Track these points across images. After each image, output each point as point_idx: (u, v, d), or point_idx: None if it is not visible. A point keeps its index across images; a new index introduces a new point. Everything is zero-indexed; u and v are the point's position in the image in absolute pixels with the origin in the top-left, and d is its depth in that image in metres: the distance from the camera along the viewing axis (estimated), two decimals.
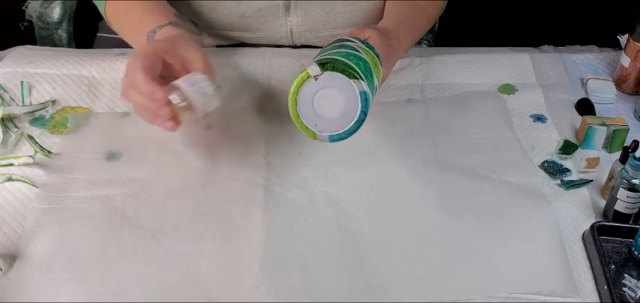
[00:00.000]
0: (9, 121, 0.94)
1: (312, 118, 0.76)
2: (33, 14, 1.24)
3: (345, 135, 0.77)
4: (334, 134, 0.76)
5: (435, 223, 0.83)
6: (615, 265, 0.80)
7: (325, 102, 0.75)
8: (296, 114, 0.76)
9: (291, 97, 0.75)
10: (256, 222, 0.81)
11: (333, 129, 0.76)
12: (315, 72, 0.73)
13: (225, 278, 0.76)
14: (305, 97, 0.75)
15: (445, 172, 0.89)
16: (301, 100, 0.75)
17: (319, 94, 0.74)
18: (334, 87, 0.74)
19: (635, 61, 1.05)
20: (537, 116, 1.01)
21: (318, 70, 0.73)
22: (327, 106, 0.75)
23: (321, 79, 0.74)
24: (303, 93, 0.75)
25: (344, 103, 0.75)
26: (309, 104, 0.75)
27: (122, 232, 0.80)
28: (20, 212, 0.82)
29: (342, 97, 0.75)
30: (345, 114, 0.76)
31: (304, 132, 0.77)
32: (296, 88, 0.75)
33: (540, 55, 1.13)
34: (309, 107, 0.75)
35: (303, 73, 0.74)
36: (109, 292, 0.73)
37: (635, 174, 0.81)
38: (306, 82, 0.74)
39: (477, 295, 0.76)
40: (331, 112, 0.75)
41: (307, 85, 0.74)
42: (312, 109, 0.75)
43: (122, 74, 1.01)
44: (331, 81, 0.74)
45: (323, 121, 0.76)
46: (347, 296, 0.75)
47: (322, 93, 0.74)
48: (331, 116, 0.75)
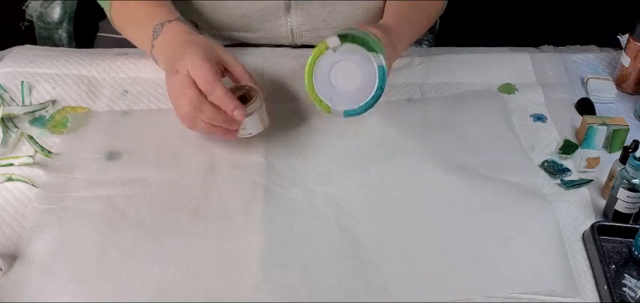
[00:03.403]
0: (9, 121, 0.94)
1: (327, 92, 0.73)
2: (33, 14, 1.24)
3: (360, 110, 0.75)
4: (349, 109, 0.74)
5: (435, 222, 0.83)
6: (615, 265, 0.80)
7: (342, 75, 0.73)
8: (312, 86, 0.74)
9: (307, 68, 0.73)
10: (256, 222, 0.81)
11: (348, 104, 0.74)
12: (333, 43, 0.71)
13: (225, 278, 0.76)
14: (322, 69, 0.73)
15: (445, 171, 0.89)
16: (318, 72, 0.73)
17: (336, 67, 0.72)
18: (352, 60, 0.72)
19: (635, 60, 1.05)
20: (537, 116, 1.01)
21: (337, 41, 0.71)
22: (343, 79, 0.73)
23: (339, 52, 0.72)
24: (319, 65, 0.72)
25: (361, 78, 0.73)
26: (326, 77, 0.73)
27: (122, 232, 0.80)
28: (20, 212, 0.82)
29: (359, 71, 0.73)
30: (361, 89, 0.74)
31: (319, 106, 0.75)
32: (313, 59, 0.72)
33: (540, 54, 1.13)
34: (326, 80, 0.73)
35: (322, 44, 0.72)
36: (109, 292, 0.73)
37: (635, 174, 0.81)
38: (324, 53, 0.72)
39: (477, 295, 0.76)
40: (347, 86, 0.73)
41: (325, 57, 0.72)
42: (329, 82, 0.73)
43: (122, 74, 1.03)
44: (350, 54, 0.72)
45: (339, 95, 0.73)
46: (347, 296, 0.75)
47: (339, 66, 0.72)
48: (347, 90, 0.73)
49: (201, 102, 0.82)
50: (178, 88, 0.83)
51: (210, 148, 0.91)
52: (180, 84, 0.83)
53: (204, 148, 0.91)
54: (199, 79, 0.81)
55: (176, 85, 0.83)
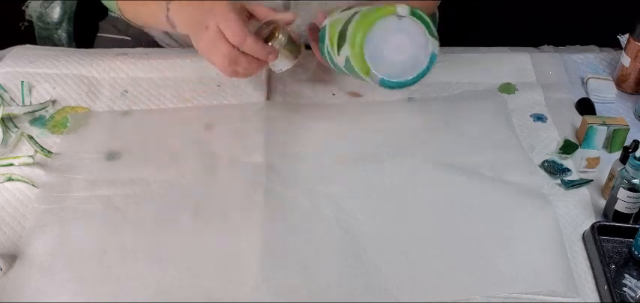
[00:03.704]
0: (9, 121, 0.94)
1: (373, 54, 0.72)
2: (33, 14, 1.24)
3: (397, 85, 0.73)
4: (387, 79, 0.72)
5: (435, 222, 0.83)
6: (615, 265, 0.79)
7: (392, 44, 0.72)
8: (362, 44, 0.71)
9: (364, 24, 0.71)
10: (256, 222, 0.81)
11: (388, 73, 0.72)
12: (402, 12, 0.70)
13: (225, 278, 0.75)
14: (377, 31, 0.71)
15: (445, 171, 0.89)
16: (372, 33, 0.71)
17: (392, 34, 0.71)
18: (410, 36, 0.71)
19: (635, 60, 1.05)
20: (537, 116, 1.01)
21: (406, 11, 0.70)
22: (391, 49, 0.72)
23: (403, 21, 0.71)
24: (377, 27, 0.71)
25: (410, 55, 0.72)
26: (378, 41, 0.71)
27: (122, 232, 0.80)
28: (20, 212, 0.82)
29: (411, 47, 0.72)
30: (405, 65, 0.72)
31: (358, 65, 0.73)
32: (375, 18, 0.70)
33: (540, 54, 1.13)
34: (375, 43, 0.71)
35: (389, 7, 0.70)
36: (109, 292, 0.73)
37: (635, 174, 0.81)
38: (386, 17, 0.71)
39: (477, 295, 0.76)
40: (393, 56, 0.72)
41: (386, 20, 0.71)
42: (377, 45, 0.72)
43: (122, 74, 1.03)
44: (411, 28, 0.71)
45: (382, 61, 0.72)
46: (347, 296, 0.75)
47: (395, 35, 0.71)
48: (391, 60, 0.72)
49: (235, 55, 0.83)
50: (211, 44, 0.83)
51: (210, 148, 0.91)
52: (212, 40, 0.83)
53: (204, 148, 0.91)
54: (229, 33, 0.82)
55: (208, 42, 0.84)
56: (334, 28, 0.82)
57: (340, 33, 0.78)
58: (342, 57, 0.78)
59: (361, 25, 0.71)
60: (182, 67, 1.04)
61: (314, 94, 1.02)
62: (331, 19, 0.85)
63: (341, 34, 0.78)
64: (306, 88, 1.03)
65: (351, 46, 0.73)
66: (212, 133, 0.94)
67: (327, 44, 0.83)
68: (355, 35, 0.72)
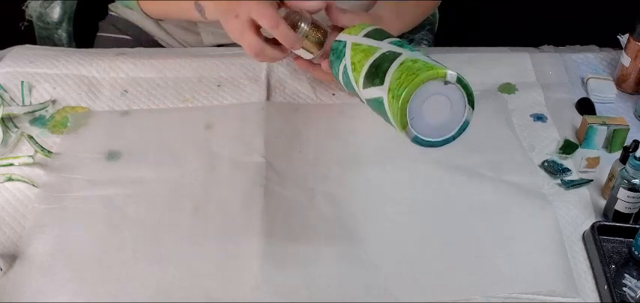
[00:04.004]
0: (9, 121, 0.94)
1: (411, 110, 0.72)
2: (33, 14, 1.24)
3: (428, 144, 0.75)
4: (420, 137, 0.73)
5: (435, 223, 0.83)
6: (615, 265, 0.80)
7: (431, 106, 0.72)
8: (407, 100, 0.71)
9: (412, 81, 0.71)
10: (256, 222, 0.81)
11: (421, 132, 0.73)
12: (451, 78, 0.71)
13: (225, 278, 0.76)
14: (422, 90, 0.71)
15: (445, 171, 0.89)
16: (418, 90, 0.71)
17: (433, 96, 0.72)
18: (450, 101, 0.72)
19: (635, 60, 1.05)
20: (537, 116, 1.01)
21: (454, 78, 0.71)
22: (430, 110, 0.72)
23: (448, 86, 0.72)
24: (424, 86, 0.71)
25: (445, 119, 0.73)
26: (419, 99, 0.72)
27: (122, 232, 0.80)
28: (20, 212, 0.82)
29: (449, 113, 0.73)
30: (437, 127, 0.74)
31: (396, 117, 0.73)
32: (426, 78, 0.71)
33: (540, 54, 1.13)
34: (417, 101, 0.72)
35: (440, 69, 0.71)
36: (109, 292, 0.73)
37: (635, 174, 0.81)
38: (436, 79, 0.71)
39: (477, 295, 0.76)
40: (430, 117, 0.73)
41: (434, 82, 0.71)
42: (418, 104, 0.72)
43: (122, 74, 1.03)
44: (454, 94, 0.72)
45: (418, 119, 0.73)
46: (347, 296, 0.75)
47: (436, 97, 0.72)
48: (427, 120, 0.73)
49: (262, 47, 0.85)
50: (239, 33, 0.85)
51: (210, 148, 0.91)
52: (240, 29, 0.85)
53: (204, 148, 0.91)
54: (264, 21, 0.83)
55: (237, 30, 0.86)
56: (360, 55, 0.81)
57: (374, 69, 0.78)
58: (371, 93, 0.78)
59: (408, 80, 0.72)
60: (182, 67, 1.04)
61: (314, 94, 1.02)
62: (353, 39, 0.84)
63: (375, 71, 0.77)
64: (306, 88, 1.03)
65: (394, 96, 0.73)
66: (212, 133, 0.94)
67: (348, 67, 0.83)
68: (400, 88, 0.72)
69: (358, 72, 0.81)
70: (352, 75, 0.82)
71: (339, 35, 0.88)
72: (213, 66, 1.05)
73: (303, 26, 0.87)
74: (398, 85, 0.73)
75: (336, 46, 0.87)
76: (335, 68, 0.87)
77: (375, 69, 0.78)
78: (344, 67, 0.84)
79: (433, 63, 0.73)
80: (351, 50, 0.84)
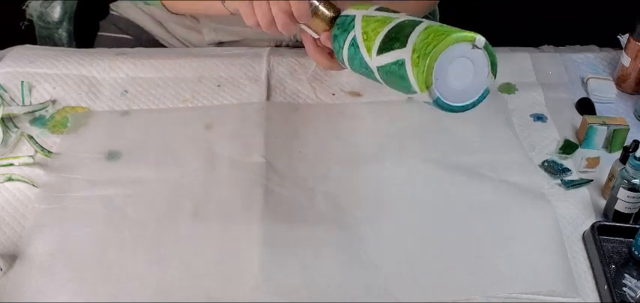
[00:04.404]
0: (9, 121, 0.94)
1: (438, 72, 0.72)
2: (33, 14, 1.24)
3: (449, 108, 0.74)
4: (442, 99, 0.73)
5: (435, 223, 0.83)
6: (615, 265, 0.80)
7: (457, 69, 0.72)
8: (436, 56, 0.71)
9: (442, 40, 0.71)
10: (256, 222, 0.81)
11: (443, 95, 0.73)
12: (480, 43, 0.71)
13: (225, 278, 0.76)
14: (450, 51, 0.71)
15: (445, 171, 0.89)
16: (447, 51, 0.71)
17: (459, 59, 0.71)
18: (475, 66, 0.72)
19: (635, 60, 1.05)
20: (537, 116, 1.01)
21: (482, 43, 0.71)
22: (455, 73, 0.72)
23: (475, 51, 0.72)
24: (454, 47, 0.71)
25: (468, 84, 0.73)
26: (446, 60, 0.71)
27: (122, 232, 0.80)
28: (20, 212, 0.82)
29: (472, 78, 0.73)
30: (459, 92, 0.73)
31: (419, 74, 0.72)
32: (454, 39, 0.71)
33: (540, 54, 1.13)
34: (443, 63, 0.71)
35: (469, 33, 0.71)
36: (109, 292, 0.73)
37: (635, 174, 0.81)
38: (464, 42, 0.71)
39: (477, 295, 0.76)
40: (454, 80, 0.72)
41: (461, 46, 0.71)
42: (444, 66, 0.72)
43: (122, 74, 1.03)
44: (479, 60, 0.72)
45: (442, 82, 0.72)
46: (347, 296, 0.75)
47: (462, 61, 0.72)
48: (450, 83, 0.72)
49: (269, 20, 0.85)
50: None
51: (210, 148, 0.91)
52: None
53: (204, 148, 0.91)
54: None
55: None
56: (374, 24, 0.81)
57: (394, 33, 0.77)
58: (387, 58, 0.77)
59: (438, 40, 0.71)
60: (182, 67, 1.04)
61: (314, 94, 1.02)
62: (365, 12, 0.84)
63: (395, 35, 0.77)
64: (306, 88, 1.03)
65: (420, 55, 0.72)
66: (212, 133, 0.94)
67: (357, 38, 0.82)
68: (428, 46, 0.72)
69: (371, 40, 0.80)
70: (363, 44, 0.81)
71: (346, 10, 0.87)
72: (213, 66, 1.05)
73: (314, 2, 0.87)
74: (425, 44, 0.72)
75: (343, 20, 0.86)
76: (338, 42, 0.86)
77: (395, 33, 0.77)
78: (352, 39, 0.83)
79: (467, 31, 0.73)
80: (363, 22, 0.83)
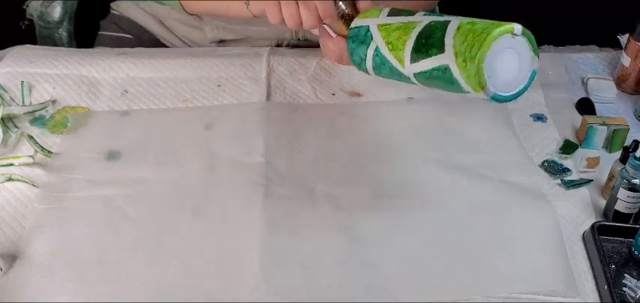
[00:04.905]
0: (9, 121, 0.94)
1: (488, 69, 0.72)
2: (33, 13, 1.24)
3: (505, 99, 0.74)
4: (498, 93, 0.73)
5: (435, 223, 0.83)
6: (615, 265, 0.80)
7: (503, 62, 0.72)
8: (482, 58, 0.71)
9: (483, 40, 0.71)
10: (256, 222, 0.81)
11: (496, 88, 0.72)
12: (517, 31, 0.71)
13: (225, 278, 0.76)
14: (495, 47, 0.71)
15: (445, 171, 0.89)
16: (491, 50, 0.71)
17: (503, 51, 0.72)
18: (518, 53, 0.72)
19: (635, 60, 1.05)
20: (537, 116, 1.01)
21: (520, 30, 0.71)
22: (502, 65, 0.72)
23: (515, 39, 0.72)
24: (495, 44, 0.71)
25: (516, 71, 0.73)
26: (491, 57, 0.71)
27: (122, 232, 0.80)
28: (20, 212, 0.82)
29: (518, 65, 0.73)
30: (508, 82, 0.73)
31: (470, 78, 0.72)
32: (495, 36, 0.71)
33: (540, 54, 1.13)
34: (489, 60, 0.71)
35: (507, 25, 0.71)
36: (109, 292, 0.73)
37: (635, 174, 0.81)
38: (504, 35, 0.71)
39: (477, 295, 0.76)
40: (503, 72, 0.72)
41: (503, 38, 0.71)
42: (491, 62, 0.72)
43: (122, 74, 1.03)
44: (521, 46, 0.72)
45: (492, 77, 0.72)
46: (347, 296, 0.75)
47: (506, 52, 0.72)
48: (500, 76, 0.72)
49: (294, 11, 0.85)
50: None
51: (210, 148, 0.91)
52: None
53: (204, 148, 0.91)
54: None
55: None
56: (396, 33, 0.80)
57: (425, 40, 0.77)
58: (426, 65, 0.76)
59: (480, 40, 0.71)
60: (182, 67, 1.04)
61: (314, 94, 1.02)
62: (378, 21, 0.83)
63: (426, 41, 0.76)
64: (306, 88, 1.03)
65: (466, 59, 0.72)
66: (212, 133, 0.94)
67: (381, 48, 0.81)
68: (471, 49, 0.71)
69: (400, 49, 0.79)
70: (391, 54, 0.80)
71: (356, 21, 0.86)
72: (213, 66, 1.05)
73: (340, 4, 0.87)
74: (468, 47, 0.72)
75: (356, 32, 0.85)
76: (359, 54, 0.85)
77: (425, 39, 0.77)
78: (375, 50, 0.82)
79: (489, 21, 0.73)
80: (381, 31, 0.82)
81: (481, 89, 0.72)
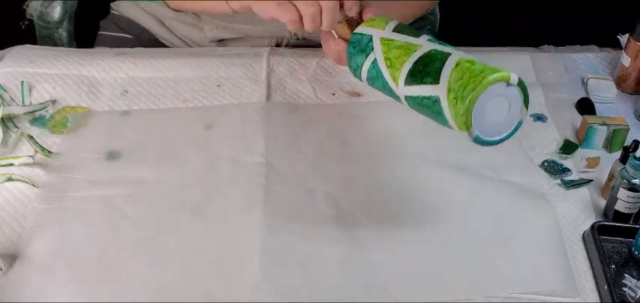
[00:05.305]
0: (9, 121, 0.94)
1: (476, 112, 0.72)
2: (33, 13, 1.24)
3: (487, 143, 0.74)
4: (480, 136, 0.73)
5: (435, 222, 0.83)
6: (615, 265, 0.80)
7: (492, 107, 0.72)
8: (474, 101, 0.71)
9: (478, 83, 0.71)
10: (256, 222, 0.81)
11: (481, 131, 0.72)
12: (513, 81, 0.71)
13: (225, 278, 0.76)
14: (489, 92, 0.71)
15: (445, 171, 0.89)
16: (483, 94, 0.71)
17: (495, 97, 0.72)
18: (509, 102, 0.73)
19: (635, 60, 1.05)
20: (537, 116, 1.01)
21: (516, 79, 0.72)
22: (491, 110, 0.72)
23: (510, 88, 0.72)
24: (489, 89, 0.71)
25: (503, 119, 0.74)
26: (483, 100, 0.71)
27: (122, 232, 0.80)
28: (20, 212, 0.82)
29: (507, 113, 0.73)
30: (493, 127, 0.73)
31: (458, 117, 0.72)
32: (490, 81, 0.71)
33: (540, 54, 1.13)
34: (480, 103, 0.71)
35: (504, 73, 0.71)
36: (109, 292, 0.73)
37: (635, 174, 0.81)
38: (499, 82, 0.71)
39: (477, 295, 0.76)
40: (490, 117, 0.72)
41: (497, 85, 0.71)
42: (481, 105, 0.72)
43: (122, 74, 1.03)
44: (513, 96, 0.73)
45: (479, 119, 0.72)
46: (347, 296, 0.75)
47: (497, 98, 0.72)
48: (487, 120, 0.72)
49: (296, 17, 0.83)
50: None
51: (210, 148, 0.91)
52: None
53: (204, 148, 0.91)
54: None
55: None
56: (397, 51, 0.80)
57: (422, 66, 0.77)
58: (418, 91, 0.76)
59: (475, 82, 0.71)
60: (182, 67, 1.04)
61: (314, 94, 1.02)
62: (382, 34, 0.83)
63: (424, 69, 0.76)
64: (306, 88, 1.03)
65: (458, 97, 0.72)
66: (212, 133, 0.94)
67: (379, 62, 0.81)
68: (464, 89, 0.72)
69: (397, 69, 0.79)
70: (388, 71, 0.80)
71: (360, 28, 0.85)
72: (213, 66, 1.05)
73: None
74: (461, 86, 0.72)
75: (358, 38, 0.84)
76: (356, 61, 0.85)
77: (423, 66, 0.76)
78: (372, 62, 0.82)
79: (489, 65, 0.73)
80: (382, 45, 0.81)
81: (466, 129, 0.72)
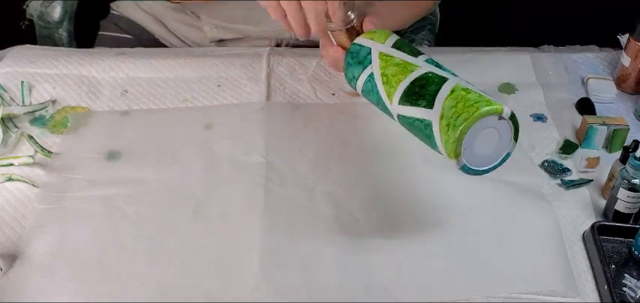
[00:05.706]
0: (9, 121, 0.94)
1: (466, 141, 0.72)
2: (33, 13, 1.24)
3: (474, 172, 0.75)
4: (468, 166, 0.73)
5: (435, 222, 0.83)
6: (615, 265, 0.80)
7: (483, 138, 0.73)
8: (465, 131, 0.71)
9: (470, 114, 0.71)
10: (256, 222, 0.81)
11: (469, 160, 0.73)
12: (506, 113, 0.72)
13: (225, 278, 0.76)
14: (480, 123, 0.72)
15: (445, 171, 0.89)
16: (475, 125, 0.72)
17: (486, 128, 0.73)
18: (500, 134, 0.73)
19: (635, 60, 1.05)
20: (537, 116, 1.01)
21: (508, 113, 0.72)
22: (481, 141, 0.73)
23: (501, 121, 0.73)
24: (480, 121, 0.72)
25: (492, 150, 0.74)
26: (474, 130, 0.72)
27: (122, 232, 0.80)
28: (20, 212, 0.82)
29: (496, 145, 0.74)
30: (483, 158, 0.74)
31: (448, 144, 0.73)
32: (483, 113, 0.71)
33: (540, 54, 1.13)
34: (471, 133, 0.72)
35: (497, 105, 0.72)
36: (109, 292, 0.73)
37: (635, 174, 0.81)
38: (492, 114, 0.72)
39: (477, 295, 0.76)
40: (479, 147, 0.73)
41: (489, 117, 0.72)
42: (472, 136, 0.72)
43: (122, 74, 1.03)
44: (504, 129, 0.73)
45: (468, 149, 0.73)
46: (347, 296, 0.75)
47: (488, 130, 0.73)
48: (476, 150, 0.73)
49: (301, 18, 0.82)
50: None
51: (210, 148, 0.91)
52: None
53: (204, 148, 0.91)
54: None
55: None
56: (395, 69, 0.80)
57: (417, 88, 0.77)
58: (411, 112, 0.77)
59: (468, 112, 0.72)
60: (182, 67, 1.04)
61: (314, 94, 1.02)
62: (381, 49, 0.82)
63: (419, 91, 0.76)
64: (306, 88, 1.03)
65: (449, 125, 0.72)
66: (212, 133, 0.94)
67: (375, 76, 0.81)
68: (457, 118, 0.72)
69: (393, 86, 0.79)
70: (383, 87, 0.80)
71: (359, 39, 0.85)
72: (213, 66, 1.05)
73: (351, 15, 0.86)
74: (454, 114, 0.72)
75: (357, 49, 0.84)
76: (351, 72, 0.85)
77: (419, 88, 0.77)
78: (369, 75, 0.82)
79: (485, 95, 0.74)
80: (381, 60, 0.82)
81: (454, 157, 0.73)
